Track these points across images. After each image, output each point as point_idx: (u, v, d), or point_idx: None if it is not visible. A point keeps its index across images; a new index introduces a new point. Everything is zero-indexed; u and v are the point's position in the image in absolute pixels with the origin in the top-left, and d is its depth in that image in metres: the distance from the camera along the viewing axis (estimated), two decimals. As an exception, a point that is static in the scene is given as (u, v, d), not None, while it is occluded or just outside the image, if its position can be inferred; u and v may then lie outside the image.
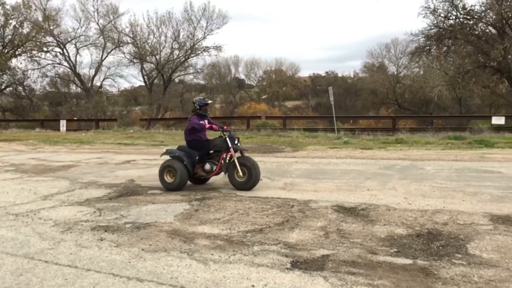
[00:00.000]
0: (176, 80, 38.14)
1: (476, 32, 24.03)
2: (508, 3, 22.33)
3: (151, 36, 33.22)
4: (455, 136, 13.96)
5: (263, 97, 53.39)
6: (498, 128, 16.20)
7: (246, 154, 7.66)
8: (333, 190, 7.13)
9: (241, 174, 7.23)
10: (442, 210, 5.57)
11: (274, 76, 56.32)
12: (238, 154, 7.44)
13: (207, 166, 7.48)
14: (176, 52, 33.68)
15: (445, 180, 7.65)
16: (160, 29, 33.10)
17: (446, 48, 25.52)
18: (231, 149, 7.37)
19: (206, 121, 7.60)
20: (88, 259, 4.22)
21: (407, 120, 27.59)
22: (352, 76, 50.46)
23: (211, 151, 7.53)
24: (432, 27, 24.82)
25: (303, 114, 41.60)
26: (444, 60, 25.58)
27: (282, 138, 16.05)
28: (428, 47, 26.01)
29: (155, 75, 35.20)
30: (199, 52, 33.67)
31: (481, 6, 23.58)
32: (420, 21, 49.84)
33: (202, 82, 45.95)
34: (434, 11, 24.15)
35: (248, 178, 7.20)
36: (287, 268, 3.85)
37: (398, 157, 10.76)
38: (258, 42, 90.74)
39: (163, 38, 33.30)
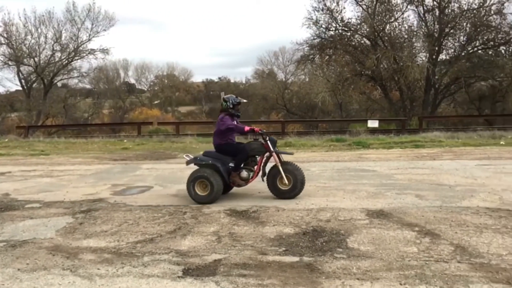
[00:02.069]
0: (59, 84, 35.33)
1: (353, 43, 26.32)
2: (379, 17, 24.84)
3: (29, 37, 30.36)
4: (337, 139, 15.08)
5: (155, 102, 52.12)
6: (373, 131, 17.82)
7: (285, 158, 6.88)
8: (225, 194, 7.18)
9: (286, 181, 6.58)
10: (326, 208, 5.97)
11: (166, 81, 55.37)
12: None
13: (244, 174, 6.67)
14: (58, 54, 31.21)
15: (328, 179, 8.21)
16: (40, 30, 30.40)
17: (327, 57, 27.53)
18: (274, 154, 6.65)
19: (235, 122, 6.82)
20: (-51, 287, 3.72)
21: (295, 124, 29.10)
22: (244, 82, 51.77)
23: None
24: (315, 37, 26.65)
25: (196, 119, 41.46)
26: (326, 68, 27.56)
27: (175, 144, 15.83)
28: (312, 56, 27.83)
29: (34, 78, 32.21)
30: (84, 54, 31.61)
31: (356, 19, 25.94)
32: (305, 31, 53.16)
33: (88, 86, 43.39)
34: (316, 22, 25.94)
35: (294, 186, 6.60)
36: (179, 277, 3.80)
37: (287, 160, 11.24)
38: (149, 46, 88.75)
39: (42, 39, 30.64)
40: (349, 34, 26.16)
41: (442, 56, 26.15)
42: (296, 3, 62.51)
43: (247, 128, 6.61)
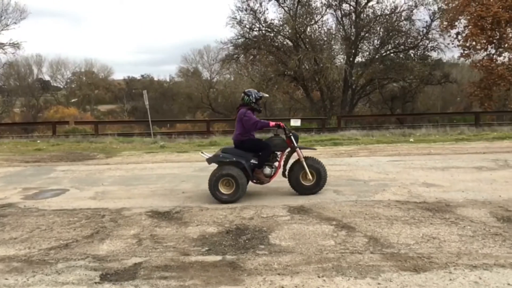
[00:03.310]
0: (-38, 80, 32.28)
1: (276, 44, 26.92)
2: (301, 19, 25.64)
3: None
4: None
5: (73, 100, 49.45)
6: (295, 129, 18.30)
7: (308, 153, 6.86)
8: (148, 195, 7.03)
9: (310, 177, 6.57)
10: (249, 206, 6.04)
11: (84, 78, 52.73)
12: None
13: (267, 170, 6.54)
14: (-39, 47, 28.51)
15: (252, 178, 8.30)
16: None
17: (252, 57, 27.92)
18: (297, 150, 6.58)
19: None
20: None
21: (221, 124, 29.08)
22: (168, 80, 50.86)
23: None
24: (239, 37, 26.89)
25: (118, 118, 39.94)
26: (251, 68, 27.95)
27: (94, 144, 15.10)
28: (236, 55, 28.02)
29: None
30: (-9, 48, 29.18)
31: (279, 20, 26.57)
32: (229, 30, 53.54)
33: (-3, 83, 39.99)
34: (240, 22, 26.19)
35: (317, 181, 6.59)
36: (96, 282, 3.64)
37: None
38: (65, 41, 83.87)
39: None
40: (272, 35, 26.73)
41: (358, 59, 27.75)
42: (220, 2, 62.57)
43: (272, 123, 6.51)
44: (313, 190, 6.65)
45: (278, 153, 6.75)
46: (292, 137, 6.62)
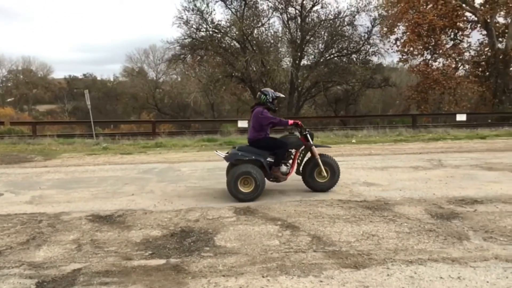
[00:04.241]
0: None
1: (224, 45, 26.89)
2: (248, 21, 25.80)
3: None
4: (209, 139, 15.25)
5: (9, 100, 46.72)
6: (243, 130, 18.42)
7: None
8: (89, 199, 6.77)
9: (324, 173, 6.72)
10: (195, 208, 5.99)
11: (22, 76, 50.02)
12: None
13: (284, 168, 6.63)
14: None
15: (199, 179, 8.26)
16: None
17: (199, 57, 27.70)
18: (313, 148, 6.68)
19: None
20: None
21: (167, 125, 28.67)
22: (112, 79, 49.38)
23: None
24: (186, 37, 26.57)
25: (58, 119, 38.18)
26: (198, 69, 27.72)
27: (31, 146, 14.34)
28: (183, 56, 27.68)
29: None
30: None
31: (226, 22, 26.56)
32: (176, 30, 52.81)
33: None
34: (187, 22, 25.91)
35: (331, 177, 6.78)
36: (31, 292, 3.46)
37: (157, 161, 11.02)
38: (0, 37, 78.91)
39: None
40: (219, 36, 26.66)
41: (304, 62, 28.35)
42: (166, 1, 61.62)
43: (291, 121, 6.63)
44: (327, 186, 6.85)
45: (293, 151, 6.85)
46: (307, 135, 6.74)
